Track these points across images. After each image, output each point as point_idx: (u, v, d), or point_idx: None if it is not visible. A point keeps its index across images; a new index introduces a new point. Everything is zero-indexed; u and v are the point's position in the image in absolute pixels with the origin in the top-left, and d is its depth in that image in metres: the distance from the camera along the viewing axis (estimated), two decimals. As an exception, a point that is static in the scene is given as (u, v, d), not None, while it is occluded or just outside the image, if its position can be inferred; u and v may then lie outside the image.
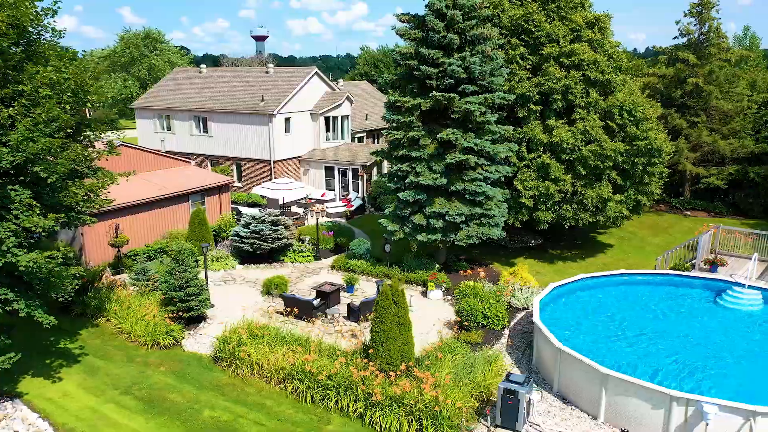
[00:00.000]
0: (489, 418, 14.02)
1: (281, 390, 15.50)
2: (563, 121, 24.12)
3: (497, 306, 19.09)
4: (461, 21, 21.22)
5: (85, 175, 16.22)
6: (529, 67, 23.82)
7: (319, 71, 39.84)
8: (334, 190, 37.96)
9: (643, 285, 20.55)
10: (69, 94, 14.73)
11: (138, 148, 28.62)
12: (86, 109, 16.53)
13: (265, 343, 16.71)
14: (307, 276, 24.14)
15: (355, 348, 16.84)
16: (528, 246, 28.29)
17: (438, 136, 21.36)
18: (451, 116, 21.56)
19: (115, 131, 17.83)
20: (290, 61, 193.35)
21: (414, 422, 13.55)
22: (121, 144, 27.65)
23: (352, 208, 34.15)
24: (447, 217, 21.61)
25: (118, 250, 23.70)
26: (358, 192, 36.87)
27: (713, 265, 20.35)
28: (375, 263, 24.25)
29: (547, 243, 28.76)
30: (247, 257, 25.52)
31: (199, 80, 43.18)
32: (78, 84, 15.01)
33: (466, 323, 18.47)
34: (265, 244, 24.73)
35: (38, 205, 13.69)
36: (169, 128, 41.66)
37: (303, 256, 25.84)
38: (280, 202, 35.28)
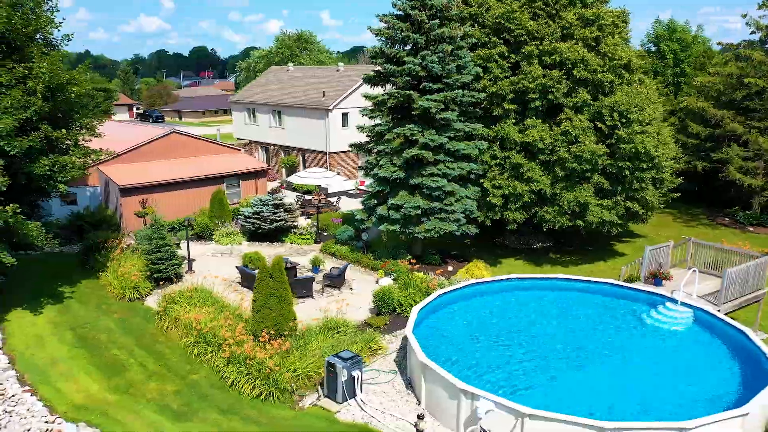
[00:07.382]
0: (320, 388, 15.25)
1: (184, 343, 18.01)
2: (543, 120, 23.53)
3: (416, 295, 19.75)
4: (426, 21, 21.95)
5: (66, 151, 20.15)
6: (509, 65, 23.59)
7: (382, 69, 41.72)
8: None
9: (578, 292, 19.71)
10: (42, 84, 18.51)
11: (190, 136, 32.92)
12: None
13: (192, 304, 19.37)
14: (295, 255, 26.38)
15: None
16: (531, 248, 27.72)
17: (395, 131, 22.36)
18: (412, 113, 22.41)
19: (102, 118, 21.67)
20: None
21: (251, 380, 15.29)
22: (174, 131, 32.30)
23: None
24: (403, 210, 22.51)
25: (144, 220, 27.99)
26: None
27: (656, 279, 18.86)
28: (354, 249, 25.79)
29: (555, 247, 27.90)
30: (256, 235, 28.48)
31: (285, 77, 47.42)
32: (52, 77, 18.77)
33: (378, 308, 19.51)
34: (264, 224, 27.47)
35: (4, 171, 17.60)
36: (254, 121, 46.42)
37: (303, 239, 28.17)
38: (331, 190, 38.06)
